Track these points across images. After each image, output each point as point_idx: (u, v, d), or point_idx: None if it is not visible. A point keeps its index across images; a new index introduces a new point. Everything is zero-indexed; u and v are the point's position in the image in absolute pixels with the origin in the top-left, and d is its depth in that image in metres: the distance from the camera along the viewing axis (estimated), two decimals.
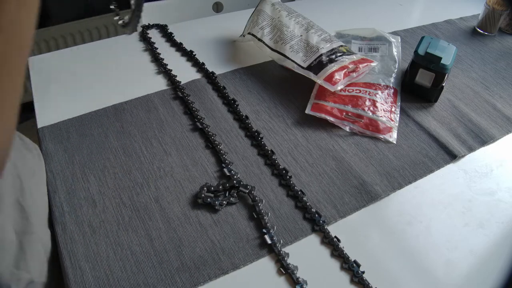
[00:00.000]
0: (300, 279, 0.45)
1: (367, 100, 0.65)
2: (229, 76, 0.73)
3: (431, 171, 0.59)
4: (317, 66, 0.67)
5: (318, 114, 0.64)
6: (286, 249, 0.48)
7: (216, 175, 0.56)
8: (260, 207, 0.51)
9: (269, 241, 0.48)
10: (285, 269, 0.46)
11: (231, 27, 0.85)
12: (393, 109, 0.67)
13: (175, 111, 0.65)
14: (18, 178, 0.47)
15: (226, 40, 0.83)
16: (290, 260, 0.47)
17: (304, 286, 0.45)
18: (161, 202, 0.52)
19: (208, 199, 0.52)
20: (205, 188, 0.53)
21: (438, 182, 0.58)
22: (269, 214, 0.51)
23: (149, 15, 1.00)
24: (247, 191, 0.53)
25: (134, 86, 0.70)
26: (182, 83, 0.70)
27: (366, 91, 0.66)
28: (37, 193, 0.50)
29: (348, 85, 0.67)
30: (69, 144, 0.59)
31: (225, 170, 0.56)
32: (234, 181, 0.54)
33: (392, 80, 0.71)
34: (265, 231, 0.49)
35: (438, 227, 0.52)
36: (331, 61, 0.67)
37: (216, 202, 0.52)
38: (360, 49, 0.77)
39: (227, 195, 0.53)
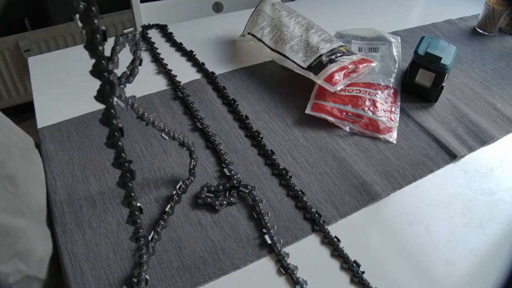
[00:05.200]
0: (300, 279, 0.45)
1: (367, 100, 0.65)
2: (229, 76, 0.73)
3: (431, 171, 0.59)
4: (317, 66, 0.67)
5: (318, 114, 0.64)
6: (286, 249, 0.48)
7: (216, 175, 0.56)
8: (260, 207, 0.51)
9: (269, 241, 0.48)
10: (285, 269, 0.46)
11: (231, 27, 0.85)
12: (393, 109, 0.67)
13: (175, 111, 0.65)
14: (22, 183, 0.47)
15: (226, 40, 0.83)
16: (290, 260, 0.47)
17: (304, 286, 0.45)
18: (161, 202, 0.52)
19: (208, 199, 0.52)
20: (205, 188, 0.53)
21: (438, 182, 0.58)
22: (269, 214, 0.51)
23: (149, 15, 1.00)
24: (247, 191, 0.53)
25: (133, 86, 0.69)
26: (182, 83, 0.70)
27: (366, 91, 0.66)
28: (35, 191, 0.50)
29: (348, 85, 0.67)
30: (69, 144, 0.59)
31: (225, 170, 0.56)
32: (234, 181, 0.54)
33: (392, 80, 0.71)
34: (265, 231, 0.49)
35: (438, 227, 0.52)
36: (331, 61, 0.67)
37: (216, 202, 0.52)
38: (360, 49, 0.77)
39: (227, 195, 0.53)
